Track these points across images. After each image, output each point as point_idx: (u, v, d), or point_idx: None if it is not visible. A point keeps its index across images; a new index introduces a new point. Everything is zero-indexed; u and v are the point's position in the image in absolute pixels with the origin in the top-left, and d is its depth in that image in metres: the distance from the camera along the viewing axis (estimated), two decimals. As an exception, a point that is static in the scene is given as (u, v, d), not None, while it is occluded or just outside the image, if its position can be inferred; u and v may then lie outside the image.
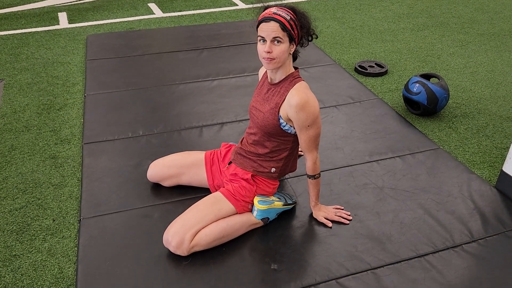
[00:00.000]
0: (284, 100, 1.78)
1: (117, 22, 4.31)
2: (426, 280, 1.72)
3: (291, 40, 1.72)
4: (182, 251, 1.75)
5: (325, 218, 1.97)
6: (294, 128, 1.83)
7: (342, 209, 2.04)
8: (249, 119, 2.74)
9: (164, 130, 2.63)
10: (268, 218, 1.94)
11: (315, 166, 1.88)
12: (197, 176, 2.08)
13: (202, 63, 3.46)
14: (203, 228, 1.78)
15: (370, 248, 1.85)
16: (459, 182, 2.24)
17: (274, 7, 1.72)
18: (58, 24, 4.26)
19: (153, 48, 3.72)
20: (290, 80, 1.80)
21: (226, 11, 4.64)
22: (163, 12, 4.58)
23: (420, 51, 3.80)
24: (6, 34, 4.01)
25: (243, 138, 2.02)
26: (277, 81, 1.83)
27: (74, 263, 1.80)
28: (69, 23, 4.29)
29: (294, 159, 2.00)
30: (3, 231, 1.96)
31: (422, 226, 1.97)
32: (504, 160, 2.20)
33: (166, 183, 2.12)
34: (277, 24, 1.67)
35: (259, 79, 2.03)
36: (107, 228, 1.93)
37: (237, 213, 1.88)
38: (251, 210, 1.92)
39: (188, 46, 3.76)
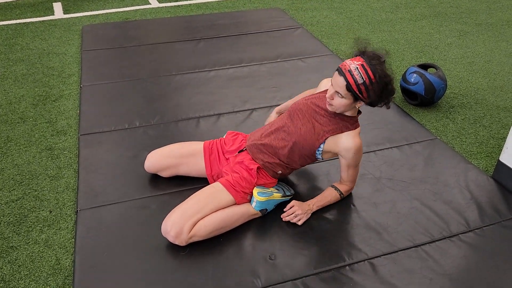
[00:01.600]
0: (338, 134, 1.84)
1: (113, 12, 4.27)
2: (422, 269, 1.72)
3: (357, 99, 1.72)
4: (181, 241, 1.75)
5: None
6: (323, 158, 1.93)
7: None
8: (249, 107, 2.73)
9: (161, 121, 2.61)
10: (267, 209, 1.94)
11: (349, 190, 2.02)
12: (195, 166, 2.07)
13: (199, 53, 3.44)
14: (202, 218, 1.78)
15: (367, 238, 1.86)
16: (456, 172, 2.24)
17: (358, 62, 1.67)
18: (53, 14, 4.22)
19: (149, 38, 3.69)
20: (353, 122, 1.86)
21: (223, 1, 4.60)
22: (159, 2, 4.53)
23: (417, 41, 3.78)
24: (1, 25, 3.97)
25: (263, 130, 2.00)
26: (338, 112, 1.84)
27: (72, 254, 1.80)
28: (64, 13, 4.24)
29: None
30: (0, 223, 1.96)
31: (419, 216, 1.97)
32: (501, 150, 2.21)
33: (164, 174, 2.12)
34: (344, 83, 1.68)
35: (320, 87, 2.07)
36: (104, 219, 1.93)
37: (236, 204, 1.88)
38: (249, 201, 1.92)
39: (185, 36, 3.73)
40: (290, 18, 4.14)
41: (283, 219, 1.93)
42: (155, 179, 2.14)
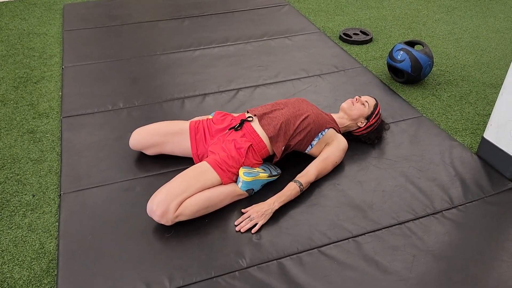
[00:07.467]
0: (336, 132, 2.13)
1: (95, -9, 4.15)
2: (406, 246, 1.74)
3: (368, 118, 2.19)
4: (166, 221, 1.74)
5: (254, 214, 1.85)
6: (311, 151, 2.06)
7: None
8: (234, 87, 2.70)
9: (145, 102, 2.57)
10: (253, 190, 1.94)
11: (310, 182, 1.97)
12: (181, 145, 2.06)
13: (183, 32, 3.38)
14: (188, 197, 1.77)
15: (351, 217, 1.87)
16: (441, 150, 2.25)
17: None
18: (33, -7, 4.09)
19: (133, 17, 3.61)
20: (339, 131, 2.20)
21: (208, -22, 4.49)
22: (143, -21, 4.41)
23: (405, 18, 3.74)
24: (-22, 4, 3.85)
25: (269, 105, 2.10)
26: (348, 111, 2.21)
27: (56, 238, 1.79)
28: (44, -8, 4.12)
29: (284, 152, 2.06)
30: (-18, 208, 1.93)
31: (403, 194, 1.98)
32: (486, 127, 2.21)
33: (148, 152, 2.10)
34: (374, 102, 2.24)
35: None
36: (88, 203, 1.91)
37: (222, 184, 1.87)
38: (236, 181, 1.91)
39: (169, 15, 3.65)
40: (276, -5, 4.06)
41: (241, 230, 1.79)
42: (140, 161, 2.12)
